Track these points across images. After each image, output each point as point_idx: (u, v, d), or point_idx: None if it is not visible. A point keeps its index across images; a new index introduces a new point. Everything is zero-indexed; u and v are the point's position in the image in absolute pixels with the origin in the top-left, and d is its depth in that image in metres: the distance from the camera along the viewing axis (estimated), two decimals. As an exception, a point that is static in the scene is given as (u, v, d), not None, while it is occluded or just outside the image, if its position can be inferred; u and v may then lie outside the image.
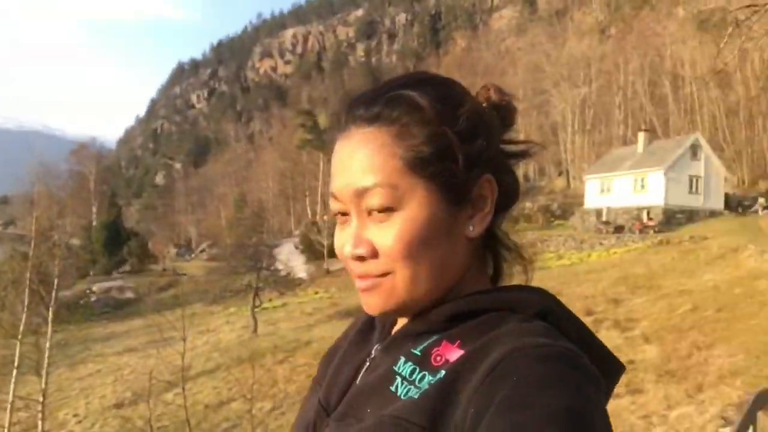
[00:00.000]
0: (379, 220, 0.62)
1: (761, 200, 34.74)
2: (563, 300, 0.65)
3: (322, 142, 60.49)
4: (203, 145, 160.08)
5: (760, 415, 4.83)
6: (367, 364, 0.70)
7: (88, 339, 27.02)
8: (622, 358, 0.60)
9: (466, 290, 0.67)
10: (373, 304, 0.65)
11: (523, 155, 0.72)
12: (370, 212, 0.63)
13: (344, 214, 0.66)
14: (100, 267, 46.34)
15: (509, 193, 0.70)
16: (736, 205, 36.10)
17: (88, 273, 44.55)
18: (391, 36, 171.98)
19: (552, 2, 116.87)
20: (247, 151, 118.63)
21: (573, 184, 52.41)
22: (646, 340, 12.98)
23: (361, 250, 0.63)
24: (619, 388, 0.59)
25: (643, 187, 35.15)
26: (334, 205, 0.67)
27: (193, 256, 66.36)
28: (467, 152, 0.65)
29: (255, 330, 22.14)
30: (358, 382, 0.69)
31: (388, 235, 0.62)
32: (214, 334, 23.19)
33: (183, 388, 7.45)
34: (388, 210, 0.62)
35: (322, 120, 69.84)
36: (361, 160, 0.63)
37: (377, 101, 0.65)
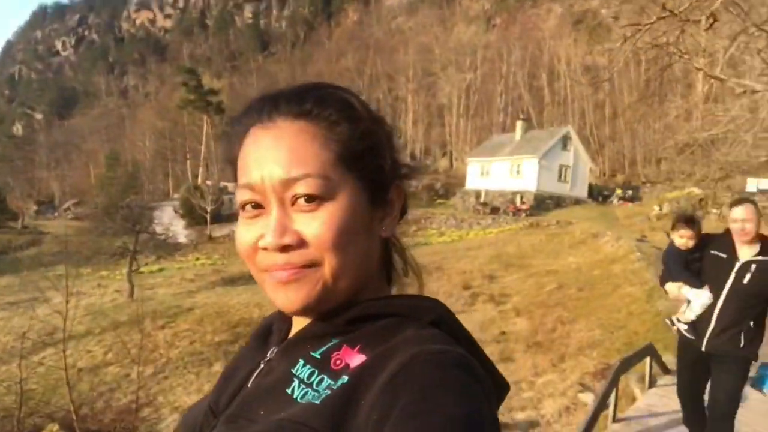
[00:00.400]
0: (305, 210, 0.61)
1: (618, 191, 38.40)
2: (444, 273, 0.78)
3: (206, 103, 58.22)
4: (69, 96, 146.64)
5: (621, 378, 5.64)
6: (261, 366, 0.69)
7: (-67, 298, 24.26)
8: (496, 330, 0.68)
9: (370, 292, 0.68)
10: (293, 299, 0.62)
11: (408, 177, 0.74)
12: (294, 203, 0.61)
13: (257, 206, 0.63)
14: (-54, 221, 41.53)
15: (404, 205, 0.73)
16: (597, 194, 39.46)
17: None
18: (282, 0, 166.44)
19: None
20: (120, 107, 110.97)
21: (456, 165, 54.68)
22: (517, 313, 13.96)
23: (288, 239, 0.61)
24: (492, 357, 0.74)
25: (518, 172, 37.49)
26: (247, 196, 0.63)
27: (56, 214, 61.66)
28: (392, 154, 0.69)
29: (131, 295, 21.13)
30: (249, 384, 0.68)
31: (316, 224, 0.61)
32: (85, 297, 21.80)
33: (64, 350, 7.17)
34: (317, 200, 0.61)
35: (207, 80, 66.91)
36: (290, 151, 0.62)
37: (307, 97, 0.65)
